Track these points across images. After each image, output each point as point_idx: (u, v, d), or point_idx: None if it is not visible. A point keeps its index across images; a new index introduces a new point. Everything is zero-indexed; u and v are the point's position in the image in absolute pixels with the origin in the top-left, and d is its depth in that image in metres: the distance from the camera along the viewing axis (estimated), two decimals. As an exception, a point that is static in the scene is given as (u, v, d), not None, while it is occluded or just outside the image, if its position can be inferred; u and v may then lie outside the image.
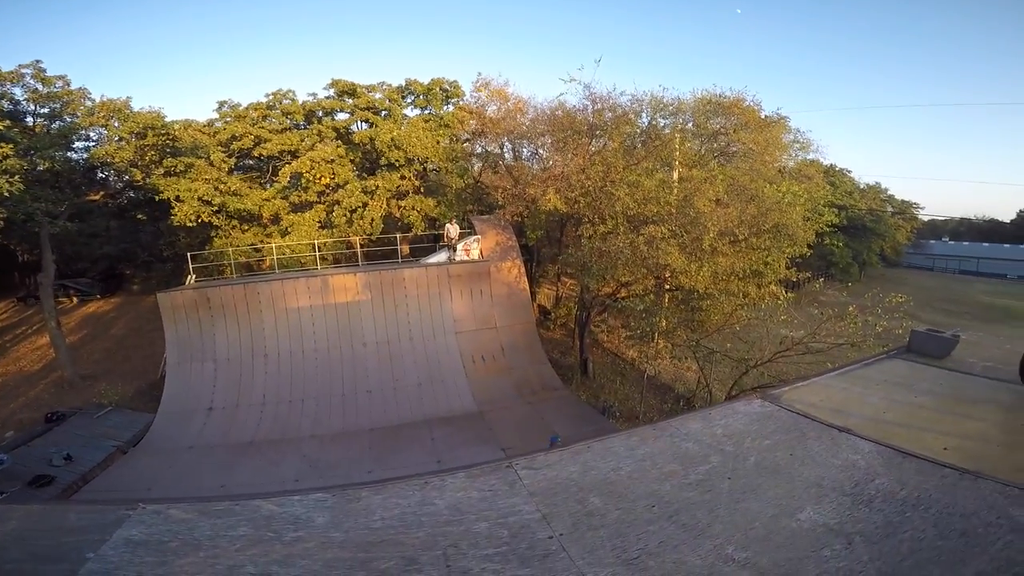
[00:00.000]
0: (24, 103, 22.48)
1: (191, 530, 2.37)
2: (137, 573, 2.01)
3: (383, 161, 23.17)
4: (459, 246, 17.16)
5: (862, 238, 39.49)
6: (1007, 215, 74.34)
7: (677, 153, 17.36)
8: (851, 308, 12.50)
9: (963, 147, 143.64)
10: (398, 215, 23.35)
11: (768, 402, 4.74)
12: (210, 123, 26.45)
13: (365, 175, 24.71)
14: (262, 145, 23.42)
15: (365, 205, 22.44)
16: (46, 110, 23.19)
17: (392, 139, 22.46)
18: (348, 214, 22.14)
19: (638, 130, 17.81)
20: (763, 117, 18.92)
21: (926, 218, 56.33)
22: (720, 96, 18.17)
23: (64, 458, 11.44)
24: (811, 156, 28.39)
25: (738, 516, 2.71)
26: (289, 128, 25.69)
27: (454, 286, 16.11)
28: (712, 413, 4.76)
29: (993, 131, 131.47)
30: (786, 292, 14.46)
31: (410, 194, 23.58)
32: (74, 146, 23.79)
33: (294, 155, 23.58)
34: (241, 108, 26.22)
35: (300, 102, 26.36)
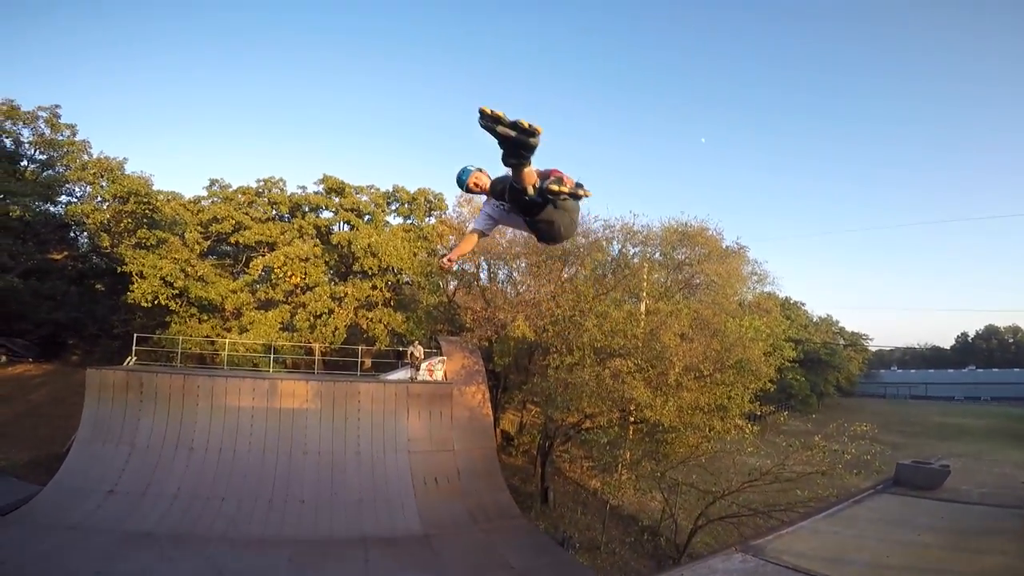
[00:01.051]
0: (26, 146, 22.34)
1: None
2: None
3: (356, 267, 23.02)
4: (423, 366, 16.92)
5: (818, 370, 40.89)
6: (947, 340, 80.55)
7: (645, 284, 17.96)
8: (816, 438, 12.68)
9: (905, 271, 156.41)
10: (364, 326, 22.82)
11: (750, 555, 4.13)
12: (196, 199, 26.38)
13: (337, 279, 24.49)
14: (241, 232, 23.16)
15: (331, 312, 21.95)
16: (44, 157, 23.03)
17: (369, 245, 22.44)
18: (312, 319, 21.60)
19: (609, 258, 18.49)
20: (724, 247, 19.75)
21: (875, 348, 59.75)
22: (686, 225, 18.85)
23: None
24: (768, 288, 29.94)
25: None
26: (272, 218, 25.81)
27: (412, 405, 15.58)
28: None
29: (938, 253, 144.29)
30: (750, 425, 14.38)
31: (379, 306, 23.25)
32: (58, 199, 23.32)
33: (271, 247, 23.40)
34: (230, 190, 26.40)
35: (288, 193, 26.75)
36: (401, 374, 17.26)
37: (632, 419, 14.96)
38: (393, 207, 28.39)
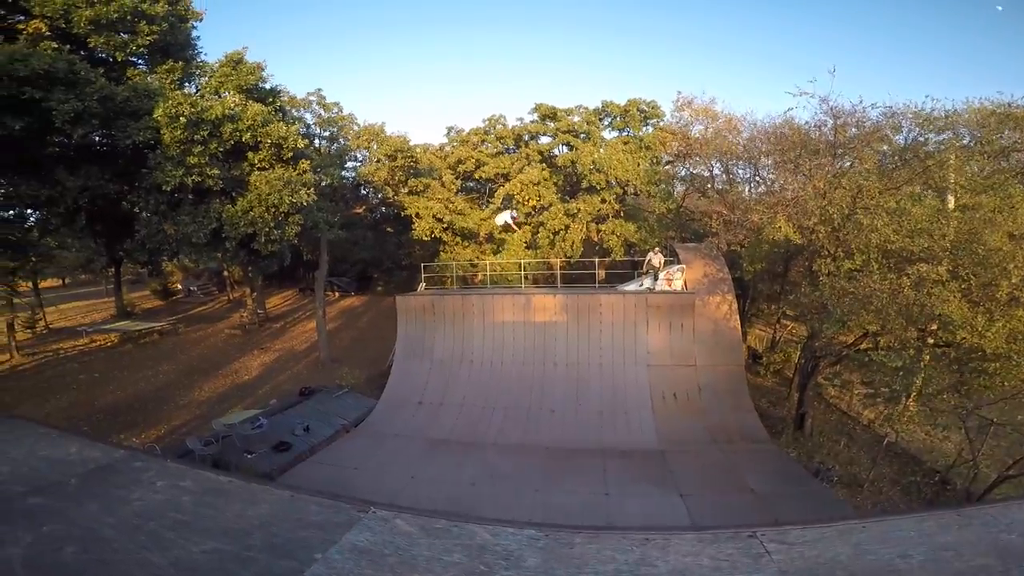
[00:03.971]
0: (312, 127, 28.62)
1: (410, 546, 2.36)
2: None
3: (584, 184, 23.72)
4: (661, 275, 16.35)
5: None
6: None
7: (952, 176, 13.80)
8: None
9: None
10: (596, 239, 23.61)
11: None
12: (440, 147, 30.66)
13: (567, 198, 25.67)
14: (481, 168, 26.28)
15: (567, 228, 23.25)
16: (327, 134, 29.23)
17: (593, 161, 22.90)
18: (551, 236, 23.25)
19: (895, 148, 14.74)
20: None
21: None
22: (1009, 105, 14.15)
23: (304, 429, 13.25)
24: None
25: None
26: (502, 152, 28.25)
27: (652, 317, 15.38)
28: (1046, 502, 3.50)
29: None
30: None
31: (610, 218, 23.64)
32: (346, 165, 29.63)
33: (506, 177, 25.83)
34: (464, 133, 29.77)
35: (510, 127, 28.74)
36: (637, 285, 17.11)
37: (931, 340, 12.09)
38: (606, 122, 27.99)
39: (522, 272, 20.94)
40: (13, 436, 5.62)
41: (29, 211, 16.81)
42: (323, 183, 20.30)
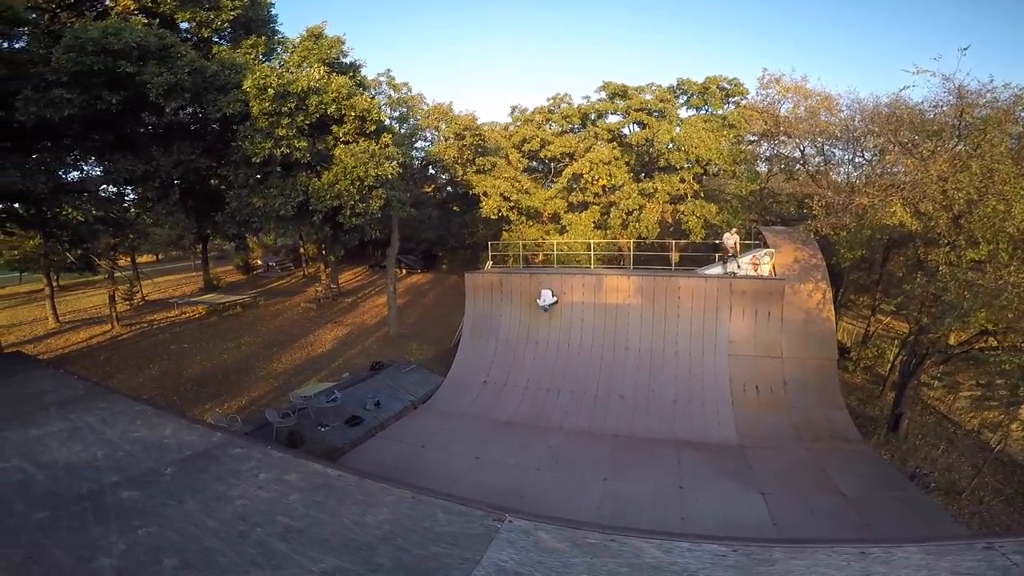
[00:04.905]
0: (383, 107, 28.79)
1: (566, 568, 2.09)
2: None
3: (661, 163, 22.64)
4: (745, 260, 15.33)
5: None
6: None
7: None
8: None
9: None
10: (670, 220, 22.59)
11: None
12: (505, 127, 30.41)
13: (640, 178, 24.69)
14: (546, 147, 25.73)
15: (641, 208, 22.34)
16: (397, 114, 29.53)
17: (672, 139, 21.80)
18: (624, 216, 22.43)
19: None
20: None
21: None
22: None
23: (374, 404, 13.61)
24: None
25: None
26: (567, 131, 27.55)
27: (736, 303, 14.49)
28: None
29: None
30: None
31: (688, 198, 22.47)
32: (416, 145, 29.84)
33: (572, 157, 25.15)
34: (528, 112, 29.33)
35: (575, 105, 27.91)
36: (718, 269, 16.22)
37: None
38: (682, 100, 26.58)
39: (591, 252, 20.37)
40: (110, 413, 5.60)
41: (127, 190, 17.96)
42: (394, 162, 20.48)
